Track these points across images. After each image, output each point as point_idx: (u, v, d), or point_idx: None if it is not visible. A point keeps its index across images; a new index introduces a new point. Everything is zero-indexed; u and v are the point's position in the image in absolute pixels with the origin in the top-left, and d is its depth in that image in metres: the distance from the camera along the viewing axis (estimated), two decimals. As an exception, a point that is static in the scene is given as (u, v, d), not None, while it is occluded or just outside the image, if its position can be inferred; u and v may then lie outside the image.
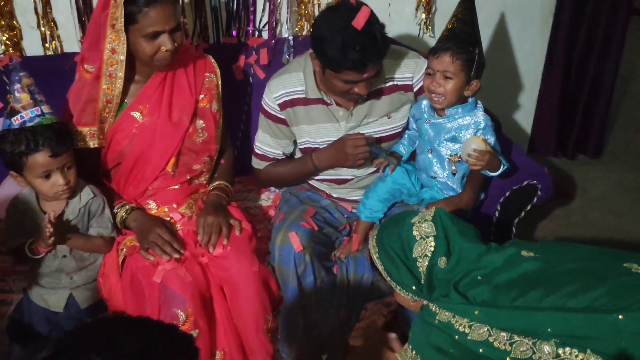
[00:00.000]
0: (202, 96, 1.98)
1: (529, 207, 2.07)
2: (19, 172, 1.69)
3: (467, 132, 1.89)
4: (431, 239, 1.51)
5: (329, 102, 1.95)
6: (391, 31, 2.53)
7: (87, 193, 1.80)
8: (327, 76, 1.82)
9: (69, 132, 1.75)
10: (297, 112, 1.97)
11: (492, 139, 1.89)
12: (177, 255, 1.79)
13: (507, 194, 2.02)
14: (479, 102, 1.92)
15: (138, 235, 1.85)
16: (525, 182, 2.01)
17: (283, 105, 1.97)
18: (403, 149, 2.04)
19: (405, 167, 2.03)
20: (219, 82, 2.03)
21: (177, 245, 1.81)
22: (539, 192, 2.03)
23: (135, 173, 1.93)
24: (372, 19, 1.74)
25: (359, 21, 1.70)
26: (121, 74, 1.80)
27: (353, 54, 1.71)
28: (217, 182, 2.05)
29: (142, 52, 1.78)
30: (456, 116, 1.89)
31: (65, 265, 1.81)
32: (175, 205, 1.96)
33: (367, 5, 1.75)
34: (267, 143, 2.06)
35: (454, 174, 1.94)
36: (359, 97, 1.88)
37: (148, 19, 1.72)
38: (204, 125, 1.97)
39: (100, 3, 1.75)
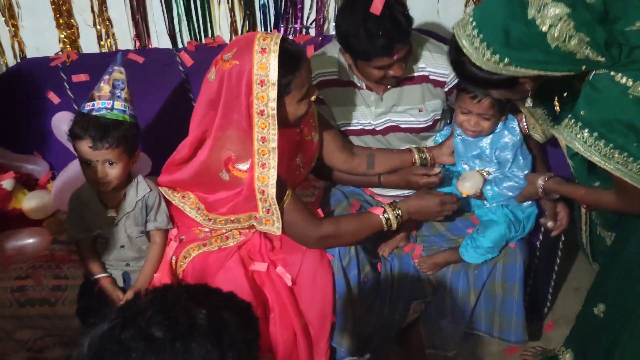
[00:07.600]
0: (298, 130, 1.84)
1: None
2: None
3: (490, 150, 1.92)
4: None
5: (359, 85, 1.96)
6: (439, 29, 2.54)
7: (143, 187, 1.83)
8: (360, 67, 1.86)
9: (122, 134, 1.70)
10: (332, 93, 1.98)
11: (509, 158, 1.90)
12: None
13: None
14: (513, 119, 1.91)
15: (424, 217, 1.87)
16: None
17: (320, 85, 1.96)
18: (440, 139, 2.07)
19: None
20: (314, 109, 1.89)
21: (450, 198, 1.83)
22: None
23: None
24: (391, 2, 1.74)
25: (377, 6, 1.72)
26: (274, 162, 1.61)
27: (379, 40, 1.73)
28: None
29: (294, 115, 1.66)
30: (483, 139, 1.93)
31: (124, 254, 1.87)
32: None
33: None
34: None
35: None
36: (396, 79, 1.89)
37: (300, 81, 1.61)
38: (303, 159, 1.89)
39: (237, 92, 1.57)
